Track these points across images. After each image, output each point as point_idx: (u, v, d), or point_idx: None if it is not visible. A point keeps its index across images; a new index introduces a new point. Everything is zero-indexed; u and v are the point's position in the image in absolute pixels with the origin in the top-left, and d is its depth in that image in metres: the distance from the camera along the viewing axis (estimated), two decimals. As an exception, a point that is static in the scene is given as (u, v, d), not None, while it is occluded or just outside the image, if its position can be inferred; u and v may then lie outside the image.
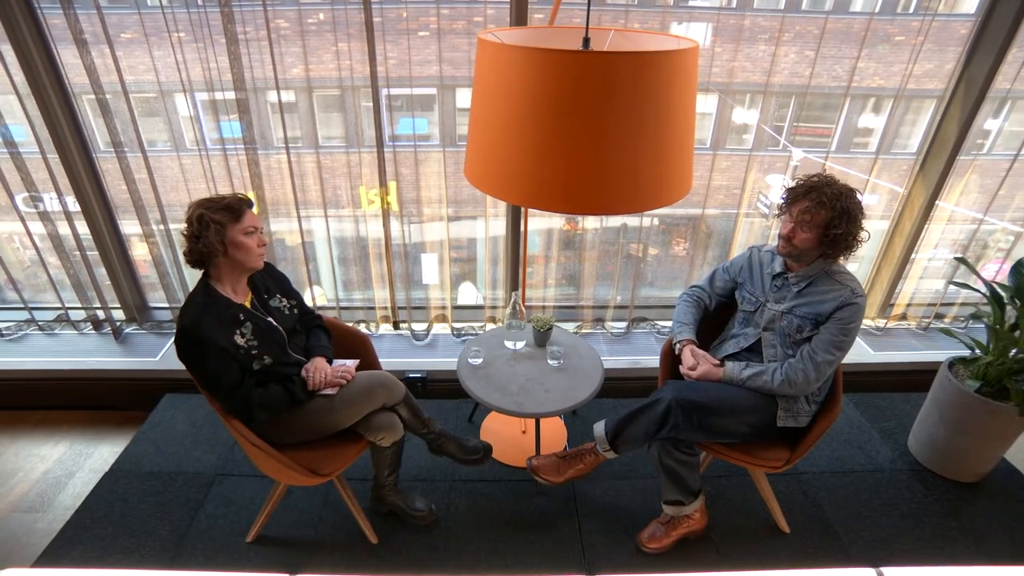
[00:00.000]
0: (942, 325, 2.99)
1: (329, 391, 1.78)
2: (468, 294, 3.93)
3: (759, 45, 2.59)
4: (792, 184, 1.71)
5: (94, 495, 2.15)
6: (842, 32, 2.55)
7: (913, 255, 2.86)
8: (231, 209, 1.61)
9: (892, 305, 3.01)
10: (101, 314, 2.76)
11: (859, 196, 1.66)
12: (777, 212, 1.79)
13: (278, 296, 1.83)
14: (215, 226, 1.58)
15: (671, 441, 1.80)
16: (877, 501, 2.19)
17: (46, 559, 1.91)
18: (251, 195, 2.31)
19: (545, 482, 1.94)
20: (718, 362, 1.87)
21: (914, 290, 2.99)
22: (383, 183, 2.53)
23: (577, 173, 1.05)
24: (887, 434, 2.52)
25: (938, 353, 2.74)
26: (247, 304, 1.73)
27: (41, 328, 2.80)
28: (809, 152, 2.88)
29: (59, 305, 2.78)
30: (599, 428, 1.90)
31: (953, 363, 2.28)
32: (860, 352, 2.84)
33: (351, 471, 2.23)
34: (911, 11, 3.05)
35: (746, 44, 2.52)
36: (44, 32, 2.23)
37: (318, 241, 2.99)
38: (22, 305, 2.77)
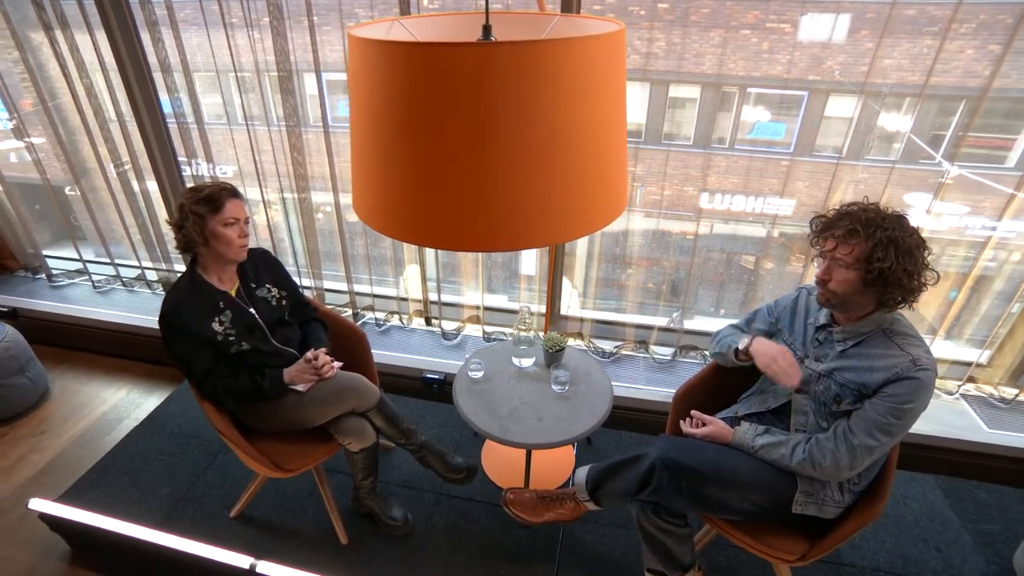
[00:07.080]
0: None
1: (300, 387, 1.73)
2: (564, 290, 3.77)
3: (925, 39, 2.11)
4: (822, 214, 1.35)
5: (122, 445, 2.34)
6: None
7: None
8: (211, 200, 1.60)
9: (1029, 373, 2.35)
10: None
11: (909, 220, 1.27)
12: (814, 256, 1.43)
13: (267, 286, 1.81)
14: (194, 217, 1.59)
15: (652, 506, 1.52)
16: (947, 625, 1.72)
17: (69, 496, 2.11)
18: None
19: (518, 519, 1.76)
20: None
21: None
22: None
23: (438, 200, 0.81)
24: (985, 540, 1.97)
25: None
26: (232, 293, 1.73)
27: (124, 284, 3.13)
28: (964, 167, 2.31)
29: (138, 265, 3.08)
30: (580, 475, 1.67)
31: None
32: (968, 425, 2.25)
33: (342, 465, 2.20)
34: None
35: (907, 38, 2.07)
36: (133, 17, 2.42)
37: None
38: (109, 261, 3.11)
